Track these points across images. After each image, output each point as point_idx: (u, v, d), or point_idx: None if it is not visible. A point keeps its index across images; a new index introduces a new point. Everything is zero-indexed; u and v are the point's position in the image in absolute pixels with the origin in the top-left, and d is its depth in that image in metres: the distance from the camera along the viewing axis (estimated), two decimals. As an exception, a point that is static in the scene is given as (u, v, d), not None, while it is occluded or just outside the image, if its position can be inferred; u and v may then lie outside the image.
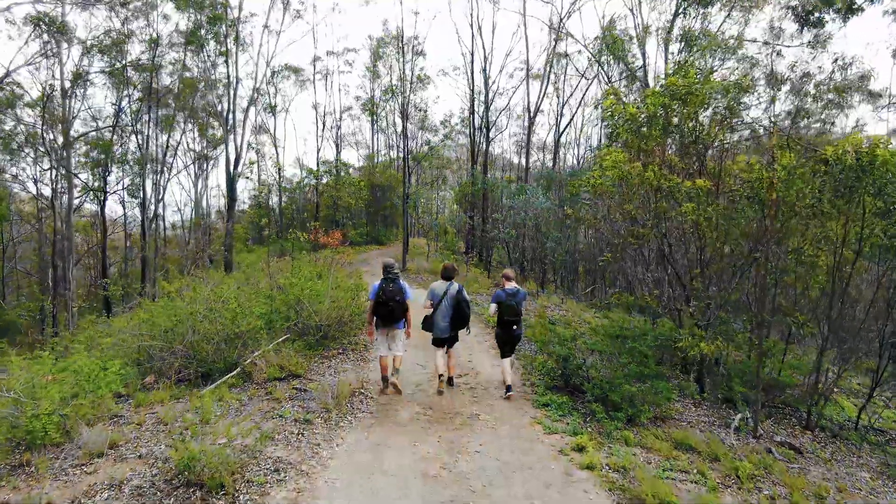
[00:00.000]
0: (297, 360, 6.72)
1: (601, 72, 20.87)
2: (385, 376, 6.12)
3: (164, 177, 21.75)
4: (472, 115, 22.55)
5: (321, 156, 35.80)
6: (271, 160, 31.29)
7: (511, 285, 6.41)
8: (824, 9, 7.82)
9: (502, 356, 6.60)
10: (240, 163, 21.11)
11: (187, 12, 19.32)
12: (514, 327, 6.37)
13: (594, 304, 14.45)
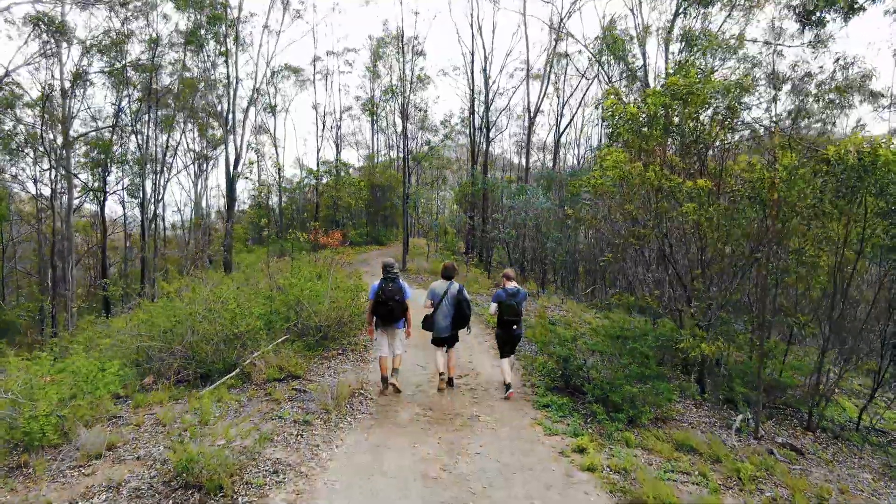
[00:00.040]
0: (297, 361, 6.70)
1: (601, 72, 20.84)
2: (385, 377, 6.11)
3: (163, 177, 21.74)
4: (473, 115, 22.54)
5: (321, 156, 35.90)
6: (271, 160, 31.29)
7: (511, 285, 6.39)
8: (825, 8, 7.81)
9: (501, 356, 6.57)
10: (239, 163, 21.09)
11: (187, 12, 19.30)
12: (515, 327, 6.35)
13: (594, 305, 14.42)
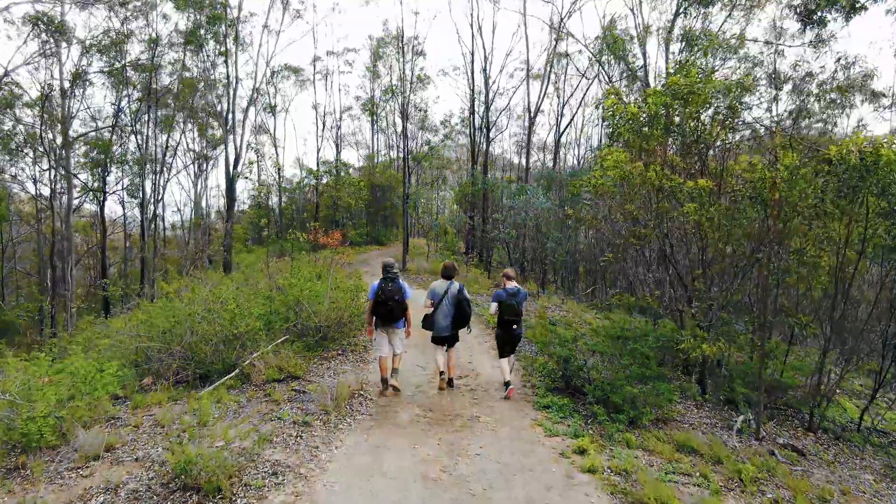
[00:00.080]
0: (296, 362, 6.67)
1: (602, 72, 20.82)
2: (384, 378, 6.09)
3: (163, 177, 21.71)
4: (473, 115, 22.52)
5: (321, 156, 35.89)
6: (271, 160, 31.28)
7: (512, 285, 6.38)
8: (826, 8, 7.78)
9: (500, 356, 6.56)
10: (239, 163, 21.07)
11: (187, 12, 19.28)
12: (515, 327, 6.34)
13: (595, 305, 14.40)
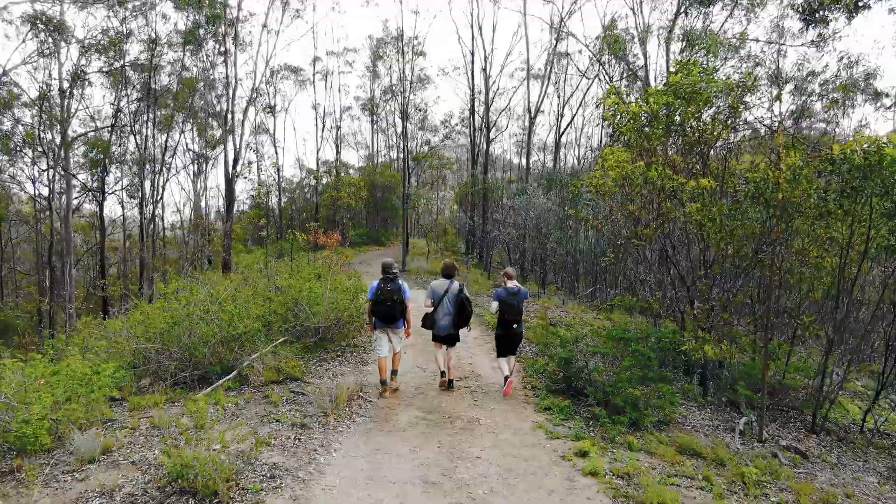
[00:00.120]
0: (295, 363, 6.62)
1: (602, 71, 20.78)
2: (384, 379, 6.06)
3: (162, 177, 21.64)
4: (473, 115, 22.50)
5: (321, 156, 35.99)
6: (270, 160, 31.23)
7: (512, 284, 6.36)
8: (830, 6, 7.72)
9: (499, 355, 6.53)
10: (238, 163, 21.02)
11: (186, 11, 19.23)
12: (515, 326, 6.33)
13: (596, 306, 14.35)
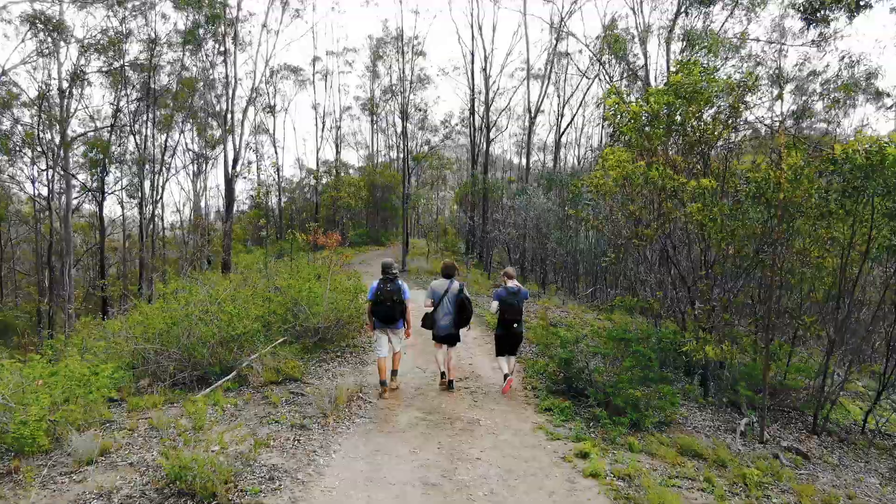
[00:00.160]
0: (295, 364, 6.60)
1: (602, 71, 20.75)
2: (383, 380, 6.03)
3: (162, 177, 21.60)
4: (473, 115, 22.48)
5: (321, 156, 35.96)
6: (270, 160, 31.20)
7: (512, 283, 6.35)
8: (832, 6, 7.69)
9: (498, 354, 6.53)
10: (238, 163, 20.98)
11: (186, 11, 19.19)
12: (515, 325, 6.33)
13: (596, 306, 14.32)
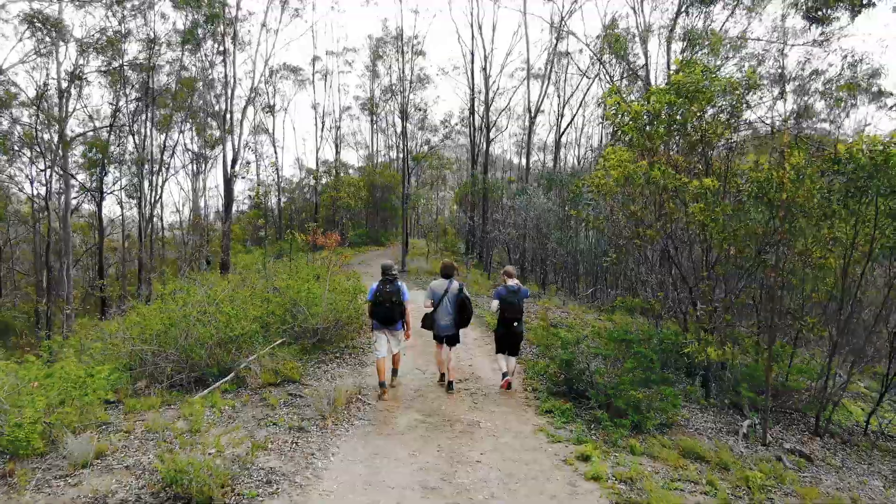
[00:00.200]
0: (293, 365, 6.55)
1: (603, 71, 20.70)
2: (382, 381, 5.99)
3: (161, 177, 21.54)
4: (472, 115, 22.43)
5: (320, 156, 35.90)
6: (269, 160, 31.14)
7: (513, 282, 6.33)
8: (833, 5, 7.65)
9: (498, 351, 6.50)
10: (237, 163, 20.92)
11: (185, 10, 19.13)
12: (516, 324, 6.30)
13: (597, 307, 14.27)
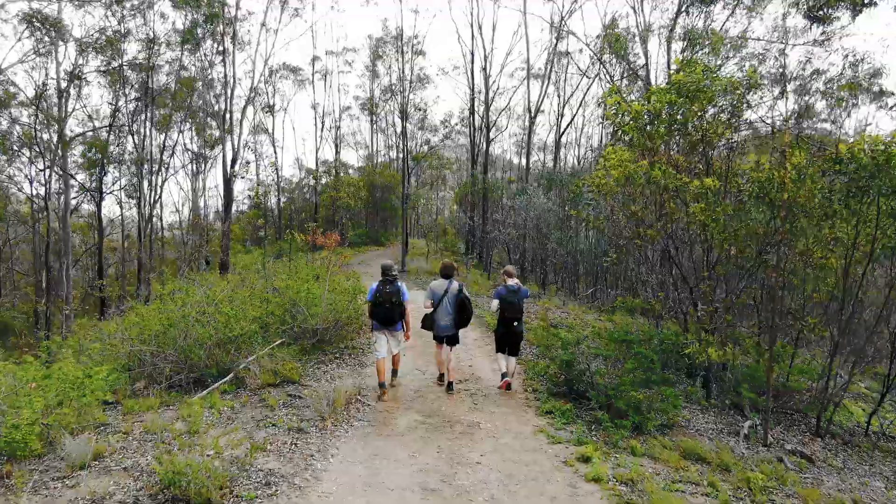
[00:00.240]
0: (292, 366, 6.52)
1: (603, 70, 20.68)
2: (382, 381, 5.97)
3: (160, 177, 21.50)
4: (472, 115, 22.40)
5: (320, 156, 35.87)
6: (269, 160, 31.10)
7: (513, 282, 6.31)
8: (834, 4, 7.63)
9: (498, 350, 6.50)
10: (237, 163, 20.87)
11: (184, 10, 19.10)
12: (516, 324, 6.29)
13: (597, 307, 14.24)
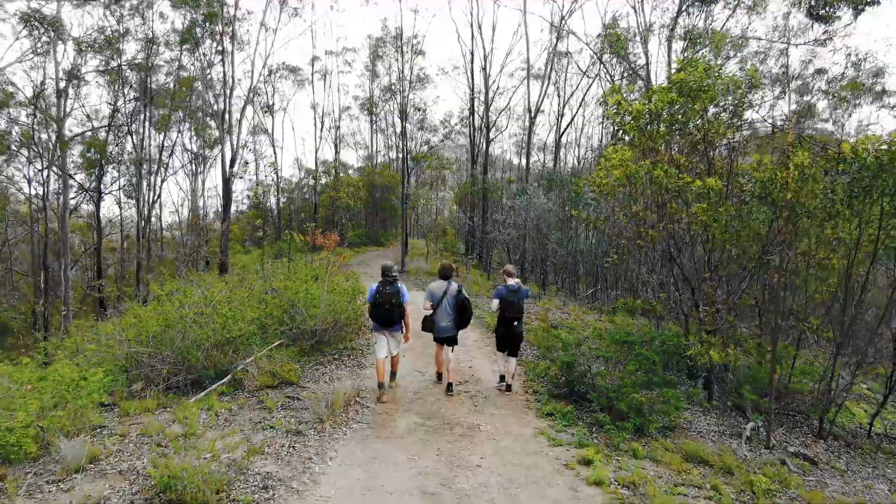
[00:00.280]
0: (291, 367, 6.47)
1: (603, 70, 20.64)
2: (381, 383, 5.92)
3: (159, 177, 21.44)
4: (472, 115, 22.36)
5: (319, 156, 35.81)
6: (268, 160, 31.05)
7: (513, 281, 6.27)
8: (835, 3, 7.58)
9: (498, 349, 6.48)
10: (236, 163, 20.84)
11: (183, 10, 19.04)
12: (516, 324, 6.25)
13: (597, 308, 14.19)
